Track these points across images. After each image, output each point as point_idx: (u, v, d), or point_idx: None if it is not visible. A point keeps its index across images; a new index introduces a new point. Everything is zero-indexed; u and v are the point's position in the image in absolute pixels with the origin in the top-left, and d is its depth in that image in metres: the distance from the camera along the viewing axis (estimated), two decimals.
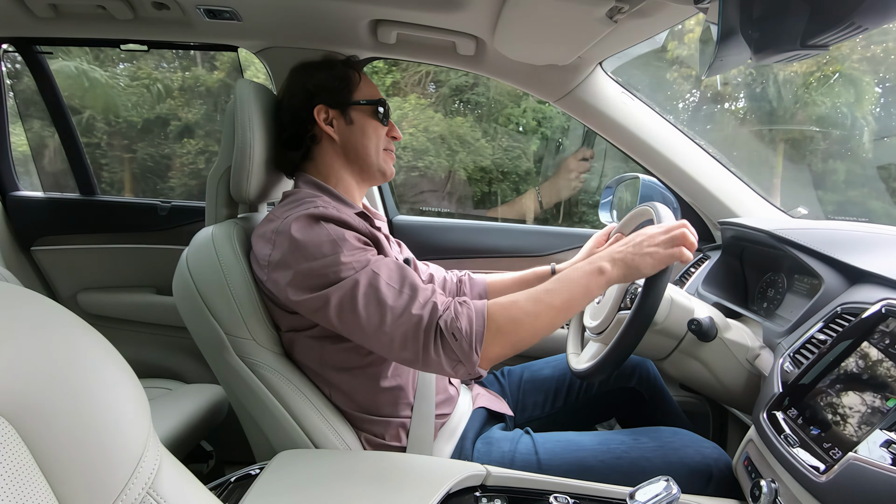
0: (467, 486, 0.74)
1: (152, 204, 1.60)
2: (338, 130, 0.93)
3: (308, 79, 0.94)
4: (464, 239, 1.57)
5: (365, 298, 0.75)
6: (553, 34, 1.01)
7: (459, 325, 0.74)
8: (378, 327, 0.74)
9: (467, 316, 0.75)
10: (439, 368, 0.75)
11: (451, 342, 0.73)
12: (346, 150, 0.94)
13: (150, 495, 0.39)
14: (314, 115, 0.91)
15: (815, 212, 2.86)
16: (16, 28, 1.33)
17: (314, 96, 0.92)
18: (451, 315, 0.74)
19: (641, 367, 1.11)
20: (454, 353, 0.74)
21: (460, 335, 0.73)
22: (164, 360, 1.60)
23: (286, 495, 0.68)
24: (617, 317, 0.91)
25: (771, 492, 0.67)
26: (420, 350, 0.74)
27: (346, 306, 0.75)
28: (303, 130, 0.93)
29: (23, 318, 0.36)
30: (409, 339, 0.74)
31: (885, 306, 0.67)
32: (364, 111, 0.94)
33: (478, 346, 0.74)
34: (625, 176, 1.47)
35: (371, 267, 0.77)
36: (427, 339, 0.74)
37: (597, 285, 0.78)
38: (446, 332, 0.73)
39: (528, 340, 0.77)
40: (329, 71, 0.95)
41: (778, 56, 0.60)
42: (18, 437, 0.33)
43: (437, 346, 0.74)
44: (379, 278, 0.76)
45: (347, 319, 0.76)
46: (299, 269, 0.77)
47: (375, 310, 0.75)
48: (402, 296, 0.76)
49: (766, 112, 3.84)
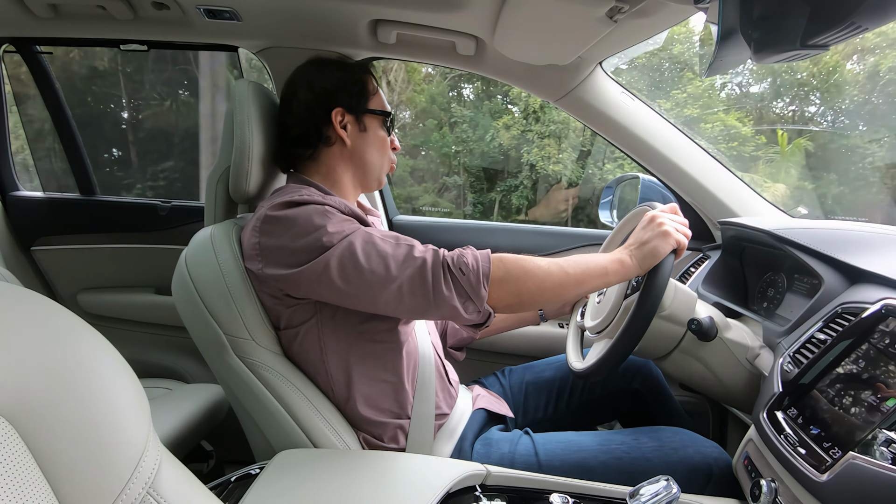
0: (467, 485, 0.74)
1: (152, 204, 1.60)
2: (350, 136, 0.92)
3: (327, 77, 0.92)
4: (464, 239, 1.56)
5: (364, 253, 0.76)
6: (553, 34, 1.01)
7: (466, 260, 0.76)
8: (385, 276, 0.75)
9: (472, 255, 0.78)
10: (451, 308, 0.75)
11: (458, 277, 0.75)
12: (355, 156, 0.94)
13: (150, 495, 0.39)
14: (332, 116, 0.90)
15: (815, 212, 2.87)
16: (16, 28, 1.33)
17: (333, 97, 0.91)
18: (456, 253, 0.77)
19: (644, 368, 1.11)
20: (462, 289, 0.75)
21: (468, 269, 0.75)
22: (164, 359, 1.60)
23: (286, 495, 0.68)
24: (624, 304, 0.92)
25: (771, 491, 0.67)
26: (430, 290, 0.75)
27: (347, 264, 0.75)
28: (316, 129, 0.91)
29: (23, 318, 0.36)
30: (416, 281, 0.75)
31: (884, 306, 0.67)
32: (376, 120, 0.95)
33: (485, 282, 0.76)
34: (625, 176, 1.47)
35: (362, 230, 0.79)
36: (436, 277, 0.75)
37: (615, 272, 0.81)
38: (454, 268, 0.75)
39: (534, 295, 0.79)
40: (348, 73, 0.94)
41: (778, 56, 0.60)
42: (18, 437, 0.33)
43: (447, 282, 0.75)
44: (373, 236, 0.78)
45: (351, 276, 0.75)
46: (293, 244, 0.77)
47: (378, 261, 0.75)
48: (400, 246, 0.78)
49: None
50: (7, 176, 1.62)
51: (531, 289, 0.78)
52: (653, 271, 0.82)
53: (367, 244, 0.77)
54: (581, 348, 1.07)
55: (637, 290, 0.87)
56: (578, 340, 1.09)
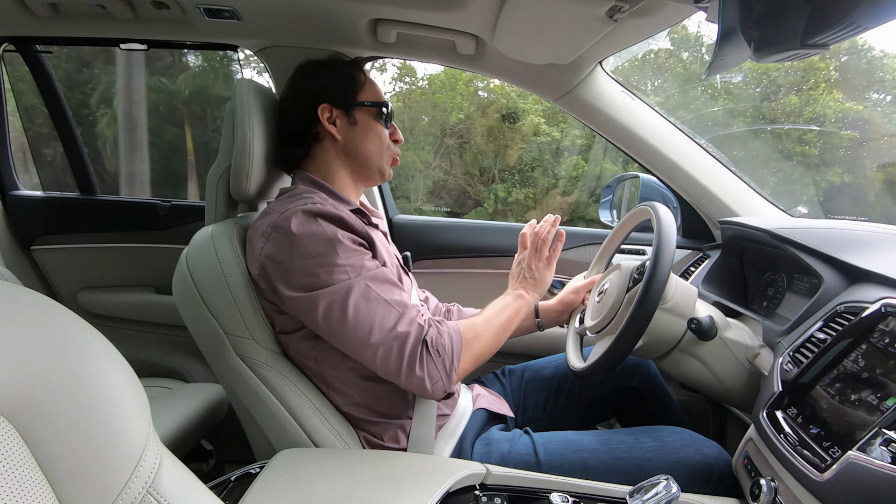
0: (467, 484, 0.74)
1: (152, 203, 1.60)
2: (340, 130, 0.93)
3: (313, 77, 0.94)
4: (464, 239, 1.57)
5: (355, 308, 0.75)
6: (553, 33, 1.01)
7: (443, 341, 0.78)
8: (364, 339, 0.76)
9: (448, 334, 0.79)
10: (418, 383, 0.77)
11: (434, 358, 0.76)
12: (348, 149, 0.94)
13: (151, 494, 0.39)
14: (318, 113, 0.91)
15: (815, 211, 2.87)
16: (16, 27, 1.33)
17: (319, 94, 0.92)
18: (435, 332, 0.78)
19: (642, 366, 1.11)
20: (436, 370, 0.77)
21: (444, 352, 0.77)
22: (164, 359, 1.60)
23: (286, 494, 0.68)
24: (626, 297, 0.92)
25: (771, 490, 0.67)
26: (404, 364, 0.75)
27: (335, 312, 0.76)
28: (305, 128, 0.93)
29: (23, 318, 0.36)
30: (393, 352, 0.76)
31: (884, 305, 0.67)
32: (368, 112, 0.94)
33: (457, 364, 0.78)
34: (625, 175, 1.47)
35: (365, 275, 0.78)
36: (413, 354, 0.76)
37: (525, 306, 0.96)
38: (432, 349, 0.76)
39: (486, 358, 0.86)
40: (335, 70, 0.95)
41: (778, 55, 0.60)
42: (18, 436, 0.33)
43: (421, 362, 0.76)
44: (371, 290, 0.77)
45: (335, 325, 0.77)
46: (293, 265, 0.77)
47: (365, 321, 0.75)
48: (391, 311, 0.77)
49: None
50: (7, 175, 1.62)
51: (486, 354, 0.86)
52: (653, 260, 0.81)
53: (361, 298, 0.76)
54: (581, 348, 1.07)
55: (639, 281, 0.87)
56: (578, 344, 1.09)
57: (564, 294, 1.16)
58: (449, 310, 1.19)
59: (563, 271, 1.50)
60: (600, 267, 1.19)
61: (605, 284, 1.01)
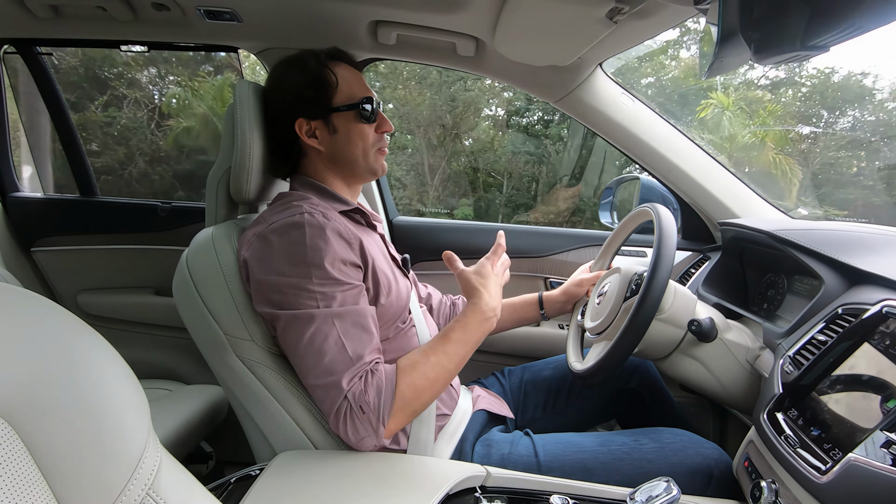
0: (467, 486, 0.74)
1: (152, 205, 1.60)
2: (322, 142, 0.90)
3: (285, 88, 0.90)
4: (464, 239, 1.57)
5: (309, 340, 0.75)
6: (553, 35, 1.01)
7: (367, 398, 0.73)
8: (307, 372, 0.76)
9: (376, 384, 0.75)
10: (347, 439, 0.75)
11: (359, 416, 0.73)
12: (334, 158, 0.92)
13: (150, 496, 0.39)
14: (296, 129, 0.89)
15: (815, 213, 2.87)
16: (16, 29, 1.33)
17: (293, 109, 0.89)
18: (360, 387, 0.74)
19: (642, 367, 1.12)
20: (362, 427, 0.74)
21: (368, 409, 0.73)
22: (164, 360, 1.60)
23: (286, 496, 0.68)
24: (623, 306, 0.92)
25: (771, 492, 0.67)
26: (332, 416, 0.74)
27: (290, 335, 0.76)
28: (287, 143, 0.91)
29: (22, 319, 0.36)
30: (327, 400, 0.74)
31: (885, 307, 0.67)
32: (347, 116, 0.90)
33: (386, 415, 0.74)
34: (625, 177, 1.47)
35: (334, 310, 0.76)
36: (339, 411, 0.74)
37: (488, 332, 0.86)
38: (355, 406, 0.73)
39: (427, 404, 0.81)
40: (303, 75, 0.89)
41: (778, 57, 0.60)
42: (18, 438, 0.33)
43: (345, 420, 0.74)
44: (333, 328, 0.75)
45: (288, 346, 0.78)
46: (266, 278, 0.78)
47: (313, 357, 0.75)
48: (343, 358, 0.74)
49: None
50: (7, 177, 1.62)
51: (426, 402, 0.80)
52: (651, 273, 0.81)
53: (317, 332, 0.74)
54: (581, 349, 1.07)
55: (636, 293, 0.87)
56: (579, 341, 1.09)
57: (568, 286, 1.16)
58: (454, 302, 1.20)
59: (563, 272, 1.51)
60: (603, 262, 1.19)
61: (605, 287, 1.01)
